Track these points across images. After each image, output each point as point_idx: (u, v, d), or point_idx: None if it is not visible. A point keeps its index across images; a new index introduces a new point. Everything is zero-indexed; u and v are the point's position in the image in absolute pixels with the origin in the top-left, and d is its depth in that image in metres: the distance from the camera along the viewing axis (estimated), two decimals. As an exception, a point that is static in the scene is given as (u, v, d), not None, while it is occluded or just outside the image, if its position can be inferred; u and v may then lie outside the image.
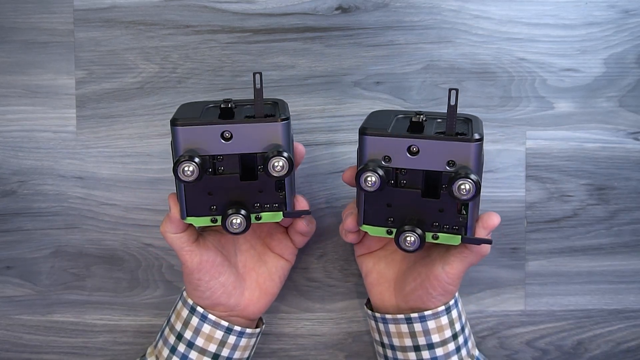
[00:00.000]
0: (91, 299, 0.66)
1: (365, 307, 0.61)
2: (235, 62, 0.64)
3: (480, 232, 0.52)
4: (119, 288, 0.65)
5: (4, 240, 0.65)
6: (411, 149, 0.50)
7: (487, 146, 0.63)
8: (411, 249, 0.51)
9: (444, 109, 0.53)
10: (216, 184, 0.53)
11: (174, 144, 0.52)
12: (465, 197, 0.48)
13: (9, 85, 0.64)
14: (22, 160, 0.64)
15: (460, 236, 0.52)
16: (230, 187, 0.53)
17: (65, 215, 0.65)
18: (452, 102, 0.49)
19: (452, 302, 0.56)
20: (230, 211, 0.52)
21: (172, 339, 0.57)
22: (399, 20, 0.64)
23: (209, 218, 0.54)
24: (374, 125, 0.52)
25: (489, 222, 0.53)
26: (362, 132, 0.51)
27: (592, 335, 0.66)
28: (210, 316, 0.56)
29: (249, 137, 0.51)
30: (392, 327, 0.57)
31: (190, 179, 0.50)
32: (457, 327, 0.57)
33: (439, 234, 0.53)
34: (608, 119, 0.64)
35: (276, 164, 0.50)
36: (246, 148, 0.52)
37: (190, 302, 0.57)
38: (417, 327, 0.56)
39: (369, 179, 0.49)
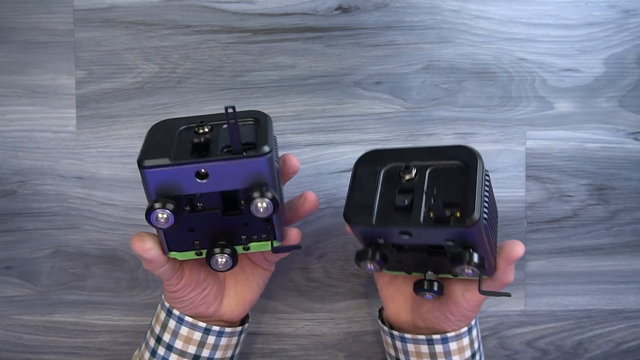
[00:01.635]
0: (91, 299, 0.66)
1: (379, 321, 0.60)
2: (235, 62, 0.64)
3: (502, 264, 0.50)
4: (119, 288, 0.65)
5: (4, 240, 0.65)
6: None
7: (487, 146, 0.63)
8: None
9: (443, 109, 0.53)
10: (197, 221, 0.49)
11: (145, 186, 0.46)
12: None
13: (9, 85, 0.64)
14: (22, 160, 0.64)
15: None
16: (212, 222, 0.49)
17: (65, 215, 0.65)
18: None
19: (472, 321, 0.55)
20: (216, 250, 0.49)
21: (152, 342, 0.57)
22: (399, 20, 0.64)
23: (193, 252, 0.51)
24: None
25: (512, 253, 0.49)
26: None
27: (592, 335, 0.66)
28: (187, 318, 0.55)
29: (227, 175, 0.46)
30: (410, 347, 0.56)
31: (166, 226, 0.46)
32: (476, 345, 0.56)
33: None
34: (608, 119, 0.64)
35: (259, 204, 0.46)
36: (225, 186, 0.47)
37: (167, 304, 0.56)
38: (439, 348, 0.54)
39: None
